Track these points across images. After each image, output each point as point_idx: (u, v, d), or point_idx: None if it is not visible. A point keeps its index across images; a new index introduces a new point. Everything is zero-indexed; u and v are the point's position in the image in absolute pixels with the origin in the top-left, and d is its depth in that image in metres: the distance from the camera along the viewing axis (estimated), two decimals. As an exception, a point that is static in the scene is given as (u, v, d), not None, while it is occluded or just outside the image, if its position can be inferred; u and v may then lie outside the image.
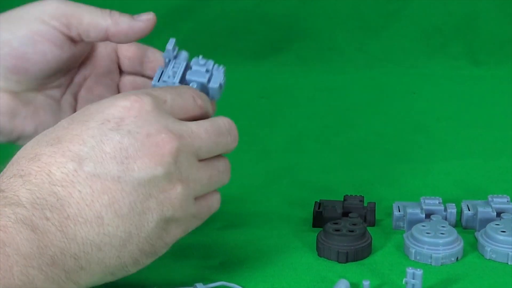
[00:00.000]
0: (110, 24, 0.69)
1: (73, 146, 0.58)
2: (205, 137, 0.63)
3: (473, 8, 1.31)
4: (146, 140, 0.59)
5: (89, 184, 0.57)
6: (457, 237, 0.74)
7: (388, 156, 0.97)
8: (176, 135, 0.60)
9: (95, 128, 0.58)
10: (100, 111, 0.60)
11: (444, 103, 1.15)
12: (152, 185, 0.59)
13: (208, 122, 0.64)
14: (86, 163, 0.57)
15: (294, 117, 1.11)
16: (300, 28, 1.31)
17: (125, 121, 0.59)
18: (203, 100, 0.65)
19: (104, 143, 0.58)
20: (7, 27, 0.69)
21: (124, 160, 0.58)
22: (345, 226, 0.74)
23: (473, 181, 0.90)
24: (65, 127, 0.59)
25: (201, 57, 0.72)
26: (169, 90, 0.63)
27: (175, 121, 0.61)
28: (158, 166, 0.59)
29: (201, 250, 0.75)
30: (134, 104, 0.60)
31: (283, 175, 0.92)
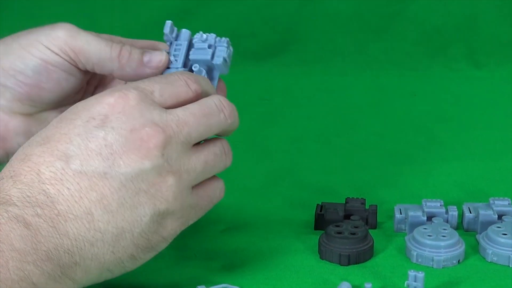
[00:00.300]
0: (116, 68, 0.69)
1: (61, 145, 0.59)
2: (193, 121, 0.62)
3: (473, 9, 1.31)
4: (130, 135, 0.59)
5: (76, 181, 0.58)
6: (459, 239, 0.74)
7: (389, 158, 0.97)
8: (161, 127, 0.60)
9: (81, 126, 0.59)
10: (86, 109, 0.60)
11: (444, 105, 1.16)
12: (140, 179, 0.59)
13: (196, 104, 0.63)
14: (72, 161, 0.58)
15: (295, 119, 1.11)
16: (301, 29, 1.31)
17: (109, 118, 0.59)
18: (198, 83, 0.64)
19: (90, 140, 0.59)
20: (20, 54, 0.69)
21: (110, 156, 0.58)
22: (347, 228, 0.74)
23: (475, 183, 0.90)
24: (54, 126, 0.60)
25: (201, 33, 0.71)
26: (157, 80, 0.63)
27: (161, 112, 0.61)
28: (144, 160, 0.59)
29: (203, 252, 0.75)
30: (118, 100, 0.60)
31: (285, 177, 0.92)
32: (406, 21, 1.31)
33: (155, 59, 0.69)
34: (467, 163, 0.95)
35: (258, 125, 1.08)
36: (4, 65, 0.69)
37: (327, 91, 1.21)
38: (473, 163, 0.95)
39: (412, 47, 1.30)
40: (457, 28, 1.31)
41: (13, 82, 0.69)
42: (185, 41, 0.71)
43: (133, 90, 0.61)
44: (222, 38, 0.71)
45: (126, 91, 0.60)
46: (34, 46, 0.69)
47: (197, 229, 0.78)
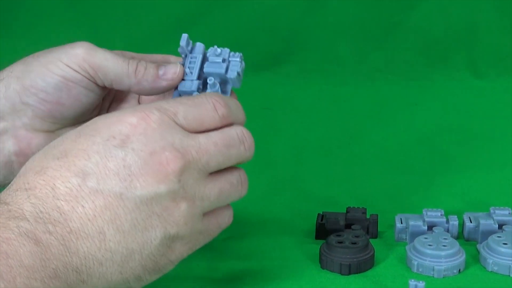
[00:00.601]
0: (133, 83, 0.70)
1: (79, 161, 0.58)
2: (214, 150, 0.62)
3: (474, 20, 1.31)
4: (150, 158, 0.59)
5: (92, 199, 0.57)
6: (459, 249, 0.74)
7: (390, 168, 0.97)
8: (181, 153, 0.60)
9: (101, 144, 0.59)
10: (107, 126, 0.60)
11: (445, 115, 1.16)
12: (155, 203, 0.59)
13: (219, 133, 0.63)
14: (89, 179, 0.58)
15: (296, 128, 1.11)
16: (302, 39, 1.31)
17: (130, 139, 0.59)
18: (227, 108, 0.64)
19: (108, 159, 0.58)
20: (41, 72, 0.69)
21: (127, 177, 0.58)
22: (348, 238, 0.74)
23: (475, 193, 0.90)
24: (72, 140, 0.60)
25: (216, 47, 0.72)
26: (183, 101, 0.62)
27: (183, 137, 0.61)
28: (160, 184, 0.59)
29: (204, 262, 0.75)
30: (140, 121, 0.60)
31: (286, 186, 0.93)
32: (407, 31, 1.31)
33: (170, 71, 0.70)
34: (467, 173, 0.95)
35: (260, 135, 1.07)
36: (25, 83, 0.70)
37: (328, 100, 1.21)
38: (474, 173, 0.95)
39: (413, 57, 1.30)
40: (458, 38, 1.31)
41: (35, 100, 0.70)
42: (199, 54, 0.72)
43: (156, 111, 0.60)
44: (235, 53, 0.72)
45: (149, 112, 0.60)
46: (54, 64, 0.69)
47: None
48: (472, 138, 1.07)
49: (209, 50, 0.73)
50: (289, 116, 1.16)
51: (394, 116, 1.15)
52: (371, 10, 1.32)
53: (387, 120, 1.13)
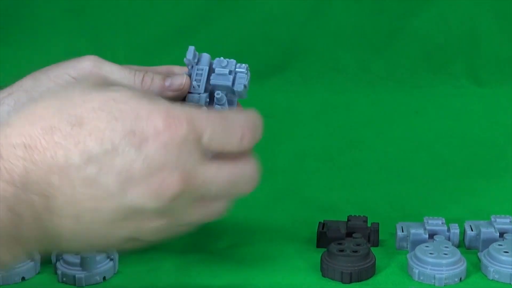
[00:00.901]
0: None
1: (90, 141, 0.56)
2: (219, 185, 0.60)
3: (475, 27, 1.31)
4: (156, 173, 0.57)
5: (84, 186, 0.56)
6: (460, 257, 0.74)
7: (392, 176, 0.97)
8: (187, 179, 0.58)
9: (118, 135, 0.56)
10: (134, 117, 0.57)
11: (446, 122, 1.15)
12: (138, 213, 0.58)
13: (232, 169, 0.60)
14: (91, 165, 0.56)
15: (298, 136, 1.11)
16: (303, 47, 1.31)
17: (148, 144, 0.56)
18: (253, 140, 0.62)
19: (119, 154, 0.56)
20: (50, 86, 0.70)
21: (126, 180, 0.56)
22: (349, 246, 0.74)
23: (476, 201, 0.90)
24: (94, 108, 0.57)
25: (222, 58, 0.72)
26: (216, 120, 0.59)
27: (196, 161, 0.58)
28: (152, 201, 0.57)
29: (206, 269, 0.75)
30: (166, 130, 0.57)
31: (287, 194, 0.93)
32: (408, 39, 1.31)
33: (176, 82, 0.71)
34: (468, 181, 0.95)
35: (261, 142, 1.08)
36: (34, 97, 0.69)
37: (329, 108, 1.21)
38: (475, 181, 0.95)
39: (414, 64, 1.30)
40: (459, 45, 1.31)
41: None
42: (206, 66, 0.72)
43: (186, 124, 0.57)
44: (242, 64, 0.72)
45: (179, 123, 0.57)
46: (62, 78, 0.70)
47: (199, 246, 0.78)
48: (473, 145, 1.07)
49: (215, 61, 0.73)
50: (291, 123, 1.16)
51: (395, 124, 1.15)
52: (372, 17, 1.32)
53: (388, 128, 1.13)
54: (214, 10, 1.32)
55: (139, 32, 1.31)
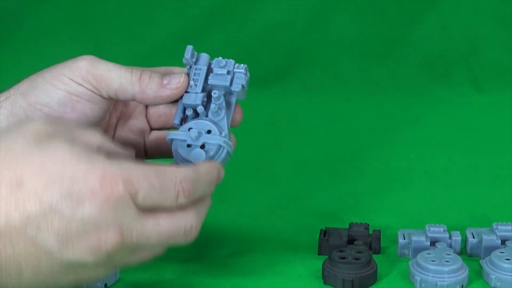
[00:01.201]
0: (137, 91, 0.70)
1: (28, 202, 0.58)
2: (154, 239, 0.61)
3: (476, 35, 1.31)
4: (92, 231, 0.59)
5: (24, 245, 0.58)
6: (462, 264, 0.74)
7: (393, 183, 0.97)
8: (124, 235, 0.60)
9: (56, 197, 0.58)
10: (71, 179, 0.59)
11: (448, 130, 1.16)
12: (78, 266, 0.60)
13: (169, 224, 0.62)
14: (31, 227, 0.58)
15: (299, 144, 1.11)
16: (304, 55, 1.32)
17: (84, 204, 0.58)
18: (190, 197, 0.63)
19: (56, 216, 0.58)
20: (45, 88, 0.70)
21: (64, 240, 0.58)
22: (351, 254, 0.74)
23: (478, 208, 0.90)
24: (34, 171, 0.59)
25: (220, 58, 0.73)
26: (152, 183, 0.61)
27: (132, 218, 0.60)
28: (90, 256, 0.59)
29: (208, 277, 0.75)
30: (101, 191, 0.59)
31: (289, 202, 0.92)
32: (410, 47, 1.32)
33: (174, 80, 0.71)
34: (470, 188, 0.95)
35: (263, 150, 1.09)
36: (30, 100, 0.70)
37: (331, 116, 1.21)
38: (477, 188, 0.95)
39: (416, 72, 1.31)
40: (460, 53, 1.31)
41: (39, 116, 0.70)
42: (204, 66, 0.72)
43: (121, 185, 0.59)
44: (240, 65, 0.73)
45: (115, 184, 0.59)
46: (58, 79, 0.70)
47: (201, 253, 0.78)
48: (474, 153, 1.07)
49: (214, 61, 0.73)
50: (292, 131, 1.16)
51: (396, 132, 1.15)
52: (373, 26, 1.33)
53: (390, 136, 1.13)
54: (217, 18, 1.32)
55: (142, 40, 1.31)
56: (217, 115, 0.72)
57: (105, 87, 0.70)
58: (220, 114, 0.72)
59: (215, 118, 0.72)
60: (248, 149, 1.03)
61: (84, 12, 1.33)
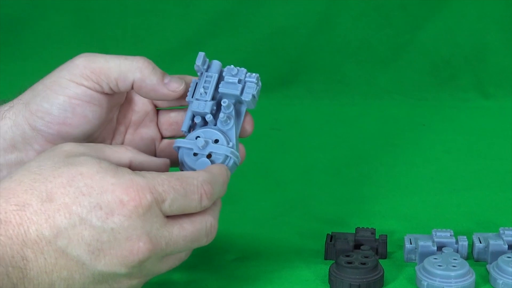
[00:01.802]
0: (138, 77, 0.70)
1: (59, 216, 0.59)
2: (181, 244, 0.64)
3: (482, 40, 1.31)
4: (124, 243, 0.60)
5: (55, 256, 0.59)
6: (469, 269, 0.73)
7: (399, 188, 0.97)
8: (153, 243, 0.61)
9: (85, 209, 0.60)
10: (100, 191, 0.60)
11: (453, 135, 1.16)
12: (111, 277, 0.61)
13: (192, 226, 0.64)
14: (61, 238, 0.59)
15: (304, 149, 1.11)
16: (309, 60, 1.32)
17: (114, 216, 0.60)
18: (211, 199, 0.65)
19: (86, 228, 0.60)
20: (45, 95, 0.70)
21: (95, 251, 0.60)
22: (357, 258, 0.74)
23: (484, 213, 0.90)
24: (63, 184, 0.60)
25: (232, 66, 0.72)
26: (176, 187, 0.63)
27: (160, 226, 0.62)
28: (123, 268, 0.61)
29: (214, 282, 0.75)
30: (130, 202, 0.60)
31: (295, 207, 0.92)
32: (415, 52, 1.32)
33: (174, 84, 0.71)
34: (476, 193, 0.95)
35: (268, 155, 1.09)
36: (32, 108, 0.70)
37: (336, 121, 1.21)
38: (483, 193, 0.95)
39: (421, 77, 1.31)
40: (465, 58, 1.31)
41: (42, 124, 0.70)
42: (215, 73, 0.72)
43: (149, 195, 0.61)
44: (252, 74, 0.72)
45: (142, 195, 0.61)
46: (57, 84, 0.70)
47: (207, 258, 0.78)
48: (480, 157, 1.07)
49: (226, 68, 0.72)
50: (297, 136, 1.16)
51: (402, 136, 1.15)
52: (379, 31, 1.33)
53: (395, 140, 1.13)
54: (222, 24, 1.32)
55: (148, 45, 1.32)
56: (226, 124, 0.71)
57: (104, 78, 0.70)
58: (229, 123, 0.71)
59: (223, 127, 0.71)
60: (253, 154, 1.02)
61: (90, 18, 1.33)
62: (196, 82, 0.72)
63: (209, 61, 0.72)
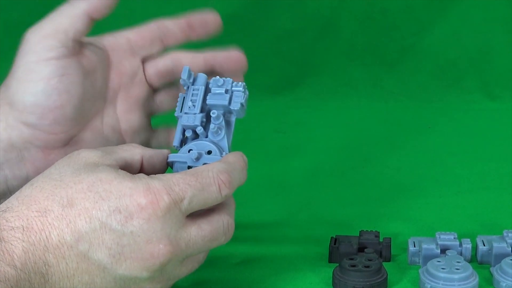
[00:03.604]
0: (86, 7, 0.71)
1: (80, 220, 0.60)
2: (200, 244, 0.64)
3: (487, 42, 1.31)
4: (144, 246, 0.61)
5: (77, 261, 0.60)
6: (472, 272, 0.73)
7: (404, 191, 0.97)
8: (173, 246, 0.62)
9: (105, 213, 0.60)
10: (118, 195, 0.61)
11: (459, 137, 1.15)
12: (132, 282, 0.62)
13: (209, 226, 0.65)
14: (82, 243, 0.60)
15: (310, 152, 1.11)
16: (315, 63, 1.32)
17: (133, 219, 0.61)
18: (231, 187, 0.65)
19: (107, 232, 0.60)
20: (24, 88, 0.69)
21: (116, 255, 0.60)
22: (361, 261, 0.74)
23: (488, 215, 0.90)
24: (83, 190, 0.61)
25: (218, 77, 0.72)
26: (192, 183, 0.63)
27: (179, 228, 0.62)
28: (144, 271, 0.61)
29: (218, 285, 0.75)
30: (148, 205, 0.61)
31: (299, 209, 0.92)
32: (421, 54, 1.31)
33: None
34: (481, 196, 0.95)
35: (273, 158, 1.09)
36: (18, 107, 0.69)
37: (341, 124, 1.21)
38: (487, 196, 0.95)
39: (427, 79, 1.30)
40: (471, 60, 1.31)
41: (36, 118, 0.69)
42: (202, 86, 0.72)
43: (166, 197, 0.61)
44: (238, 83, 0.72)
45: (160, 197, 0.61)
46: (29, 71, 0.69)
47: (212, 261, 0.78)
48: (485, 160, 1.06)
49: (212, 80, 0.72)
50: (302, 139, 1.16)
51: (407, 139, 1.15)
52: (384, 33, 1.32)
53: (401, 143, 1.13)
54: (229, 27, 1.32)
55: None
56: (217, 135, 0.71)
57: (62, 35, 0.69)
58: (220, 134, 0.71)
59: (215, 138, 0.71)
60: (258, 157, 1.03)
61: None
62: (183, 97, 0.73)
63: (194, 75, 0.73)
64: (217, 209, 0.66)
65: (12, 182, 0.70)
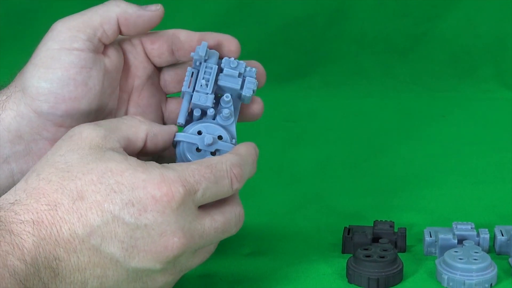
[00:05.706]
0: (119, 12, 0.70)
1: (91, 214, 0.59)
2: (213, 236, 0.64)
3: (502, 30, 1.30)
4: (158, 239, 0.60)
5: (88, 255, 0.59)
6: (491, 263, 0.72)
7: (418, 181, 0.96)
8: (187, 238, 0.61)
9: (118, 206, 0.59)
10: (131, 187, 0.60)
11: (474, 127, 1.14)
12: (145, 274, 0.61)
13: (223, 217, 0.64)
14: (94, 236, 0.59)
15: (321, 141, 1.10)
16: (325, 51, 1.31)
17: (147, 212, 0.60)
18: (242, 181, 0.65)
19: (119, 225, 0.59)
20: (41, 74, 0.68)
21: (129, 248, 0.60)
22: (376, 252, 0.73)
23: (506, 206, 0.88)
24: (93, 181, 0.60)
25: (232, 59, 0.70)
26: (206, 175, 0.63)
27: (192, 220, 0.62)
28: (157, 264, 0.61)
29: (229, 276, 0.74)
30: (163, 197, 0.60)
31: (311, 200, 0.91)
32: (434, 42, 1.31)
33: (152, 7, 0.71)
34: (497, 186, 0.94)
35: (284, 148, 1.08)
36: (31, 93, 0.68)
37: (353, 113, 1.20)
38: (504, 186, 0.93)
39: (440, 68, 1.29)
40: (486, 49, 1.30)
41: (48, 107, 0.68)
42: (215, 65, 0.70)
43: (181, 188, 0.61)
44: (252, 69, 0.70)
45: (175, 188, 0.60)
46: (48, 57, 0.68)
47: (222, 252, 0.77)
48: (502, 149, 1.05)
49: (224, 60, 0.70)
50: (313, 129, 1.15)
51: (421, 128, 1.14)
52: (396, 21, 1.32)
53: (414, 132, 1.12)
54: (236, 14, 1.32)
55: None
56: (227, 120, 0.70)
57: (90, 30, 0.69)
58: (230, 119, 0.70)
59: (224, 122, 0.70)
60: (268, 147, 1.02)
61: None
62: (192, 72, 0.70)
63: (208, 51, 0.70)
64: (229, 200, 0.66)
65: (18, 176, 0.69)
